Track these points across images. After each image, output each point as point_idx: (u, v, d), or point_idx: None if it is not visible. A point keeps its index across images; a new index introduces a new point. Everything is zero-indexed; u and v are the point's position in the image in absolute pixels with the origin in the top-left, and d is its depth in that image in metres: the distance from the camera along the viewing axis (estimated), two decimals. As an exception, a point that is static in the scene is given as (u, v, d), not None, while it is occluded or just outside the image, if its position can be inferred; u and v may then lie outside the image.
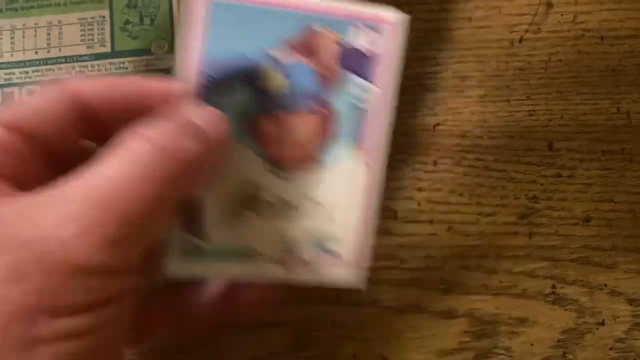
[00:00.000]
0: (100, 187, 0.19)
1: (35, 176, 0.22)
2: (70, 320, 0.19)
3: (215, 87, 0.23)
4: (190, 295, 0.26)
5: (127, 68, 0.33)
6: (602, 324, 0.32)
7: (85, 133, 0.23)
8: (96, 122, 0.23)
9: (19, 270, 0.18)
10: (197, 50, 0.23)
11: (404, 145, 0.33)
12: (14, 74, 0.32)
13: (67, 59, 0.33)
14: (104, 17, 0.33)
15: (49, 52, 0.33)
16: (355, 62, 0.24)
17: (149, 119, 0.21)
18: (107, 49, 0.33)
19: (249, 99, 0.24)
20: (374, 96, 0.25)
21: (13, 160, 0.21)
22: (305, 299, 0.31)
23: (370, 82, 0.25)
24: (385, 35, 0.25)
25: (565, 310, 0.32)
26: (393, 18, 0.25)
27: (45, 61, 0.33)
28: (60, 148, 0.22)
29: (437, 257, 0.32)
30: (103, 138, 0.22)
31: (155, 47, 0.33)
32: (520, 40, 0.34)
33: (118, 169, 0.20)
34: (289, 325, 0.31)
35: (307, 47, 0.24)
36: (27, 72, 0.32)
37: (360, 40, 0.24)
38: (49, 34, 0.33)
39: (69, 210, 0.19)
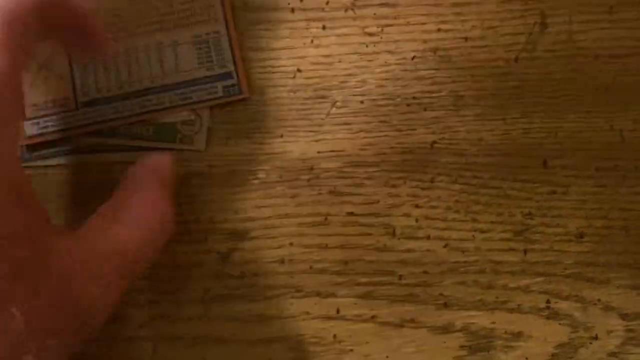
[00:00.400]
0: None
1: None
2: None
3: None
4: None
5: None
6: (596, 338, 0.33)
7: None
8: None
9: None
10: None
11: (402, 163, 0.34)
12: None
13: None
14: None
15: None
16: None
17: None
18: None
19: None
20: None
21: None
22: (304, 314, 0.32)
23: None
24: None
25: (560, 324, 0.33)
26: None
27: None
28: None
29: (434, 273, 0.33)
30: None
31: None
32: (516, 60, 0.35)
33: None
34: (288, 340, 0.32)
35: None
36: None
37: None
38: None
39: None
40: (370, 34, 0.34)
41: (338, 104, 0.34)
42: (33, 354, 0.22)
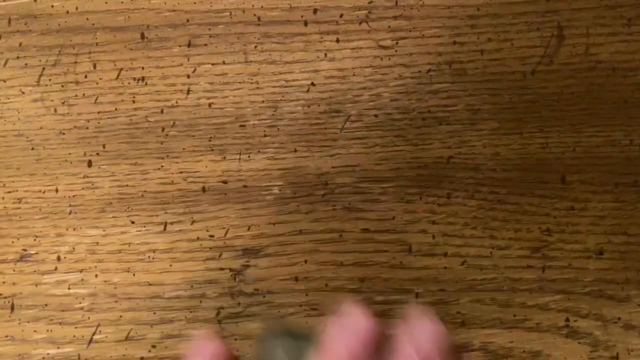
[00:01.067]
0: None
1: None
2: None
3: None
4: None
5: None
6: (617, 357, 0.32)
7: None
8: None
9: None
10: None
11: (418, 178, 0.33)
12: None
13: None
14: None
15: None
16: None
17: None
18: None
19: None
20: None
21: None
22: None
23: None
24: None
25: (579, 343, 0.32)
26: None
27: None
28: None
29: (451, 291, 0.32)
30: None
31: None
32: (533, 73, 0.34)
33: None
34: None
35: None
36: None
37: None
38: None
39: None
40: (385, 47, 0.34)
41: (352, 118, 0.33)
42: None
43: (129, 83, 0.33)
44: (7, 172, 0.33)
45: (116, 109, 0.33)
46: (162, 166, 0.33)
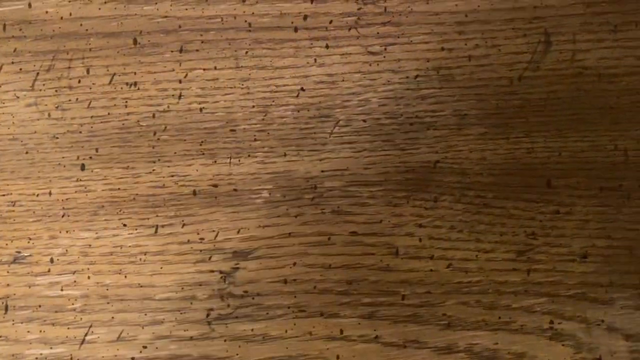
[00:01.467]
0: None
1: None
2: None
3: None
4: None
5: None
6: (600, 359, 0.32)
7: None
8: None
9: None
10: None
11: (405, 182, 0.34)
12: None
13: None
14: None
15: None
16: None
17: None
18: None
19: None
20: None
21: None
22: (308, 334, 0.32)
23: None
24: None
25: (563, 345, 0.33)
26: None
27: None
28: None
29: (437, 293, 0.33)
30: None
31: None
32: (520, 78, 0.35)
33: None
34: (292, 360, 0.32)
35: None
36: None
37: None
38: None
39: None
40: (374, 53, 0.34)
41: (341, 122, 0.34)
42: None
43: (121, 88, 0.34)
44: (1, 176, 0.33)
45: (109, 113, 0.34)
46: (153, 170, 0.33)
